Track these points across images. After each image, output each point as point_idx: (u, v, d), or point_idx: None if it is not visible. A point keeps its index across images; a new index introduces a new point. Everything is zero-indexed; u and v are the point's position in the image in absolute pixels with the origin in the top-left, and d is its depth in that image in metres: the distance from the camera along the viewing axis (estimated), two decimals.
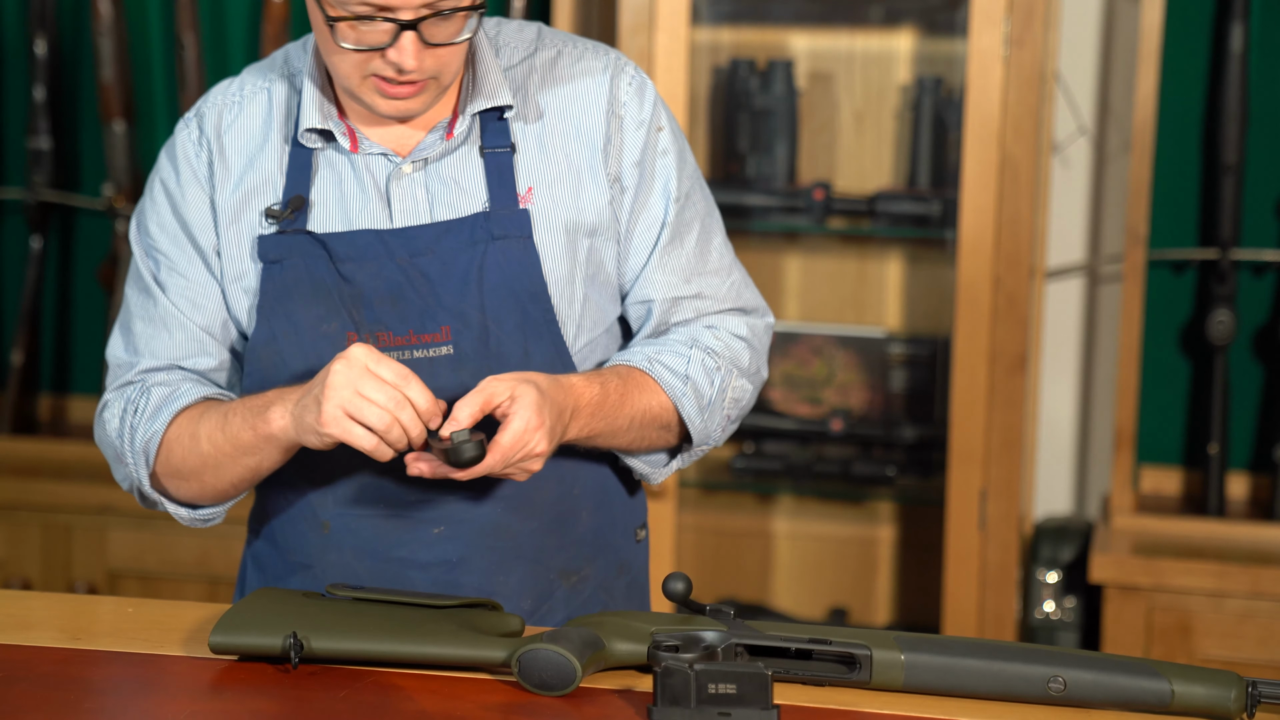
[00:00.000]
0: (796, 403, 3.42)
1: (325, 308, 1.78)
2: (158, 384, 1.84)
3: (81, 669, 1.62)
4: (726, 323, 1.89)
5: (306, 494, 1.84)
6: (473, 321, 1.78)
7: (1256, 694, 1.52)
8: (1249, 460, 3.24)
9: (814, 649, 1.57)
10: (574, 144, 1.83)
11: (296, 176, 1.82)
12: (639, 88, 1.86)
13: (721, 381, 1.85)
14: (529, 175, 1.82)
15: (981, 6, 2.98)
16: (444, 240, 1.78)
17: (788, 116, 3.30)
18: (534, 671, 1.55)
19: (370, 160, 1.81)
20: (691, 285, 1.88)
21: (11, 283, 3.67)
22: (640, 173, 1.85)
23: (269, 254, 1.81)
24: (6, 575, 3.33)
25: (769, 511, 3.51)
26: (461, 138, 1.81)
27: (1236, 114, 3.09)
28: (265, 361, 1.81)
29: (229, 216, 1.83)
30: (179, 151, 1.86)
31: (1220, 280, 3.13)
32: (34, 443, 3.49)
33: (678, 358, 1.84)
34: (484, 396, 1.67)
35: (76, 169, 3.63)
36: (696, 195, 1.90)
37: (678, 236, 1.87)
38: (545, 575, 1.85)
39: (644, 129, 1.85)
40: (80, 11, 3.56)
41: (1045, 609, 3.16)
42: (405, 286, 1.78)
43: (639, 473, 1.91)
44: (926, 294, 3.39)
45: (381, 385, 1.64)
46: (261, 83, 1.87)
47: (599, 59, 1.87)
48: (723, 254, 1.91)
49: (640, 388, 1.81)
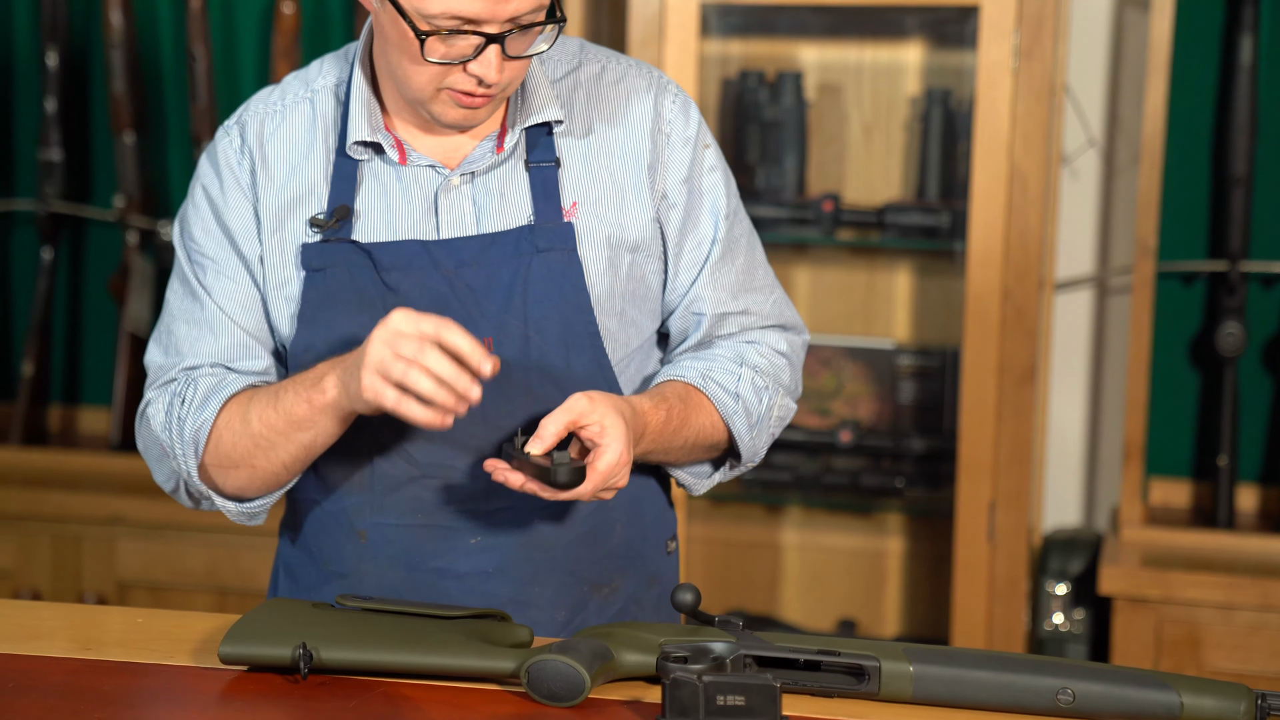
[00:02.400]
0: (805, 414, 3.42)
1: (368, 316, 1.78)
2: (204, 375, 1.83)
3: (91, 679, 1.63)
4: (768, 338, 1.92)
5: (344, 503, 1.84)
6: (515, 333, 1.79)
7: (1266, 706, 1.51)
8: (1258, 472, 3.24)
9: (822, 660, 1.57)
10: (619, 160, 1.84)
11: (341, 186, 1.82)
12: (683, 106, 1.88)
13: (769, 400, 1.88)
14: (573, 190, 1.83)
15: (991, 18, 2.99)
16: (489, 252, 1.79)
17: (797, 128, 3.31)
18: (543, 682, 1.55)
19: (419, 172, 1.82)
20: (739, 301, 1.90)
21: (22, 294, 3.68)
22: (689, 190, 1.87)
23: (312, 262, 1.81)
24: (17, 586, 3.33)
25: (777, 523, 3.51)
26: (509, 151, 1.82)
27: (1246, 125, 3.09)
28: (305, 366, 1.79)
29: (272, 224, 1.83)
30: (220, 159, 1.86)
31: (1230, 292, 3.13)
32: (44, 453, 3.49)
33: (729, 375, 1.86)
34: (571, 416, 1.68)
35: (87, 180, 3.64)
36: (742, 213, 1.93)
37: (729, 253, 1.89)
38: (578, 587, 1.86)
39: (690, 146, 1.87)
40: (91, 23, 3.57)
41: (1054, 621, 3.16)
42: (449, 297, 1.78)
43: (682, 483, 1.94)
44: (935, 305, 3.39)
45: (410, 340, 1.63)
46: (303, 92, 1.87)
47: (643, 76, 1.89)
48: (766, 271, 1.94)
49: (697, 407, 1.84)
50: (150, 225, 3.51)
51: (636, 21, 3.10)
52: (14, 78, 3.64)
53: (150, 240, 3.53)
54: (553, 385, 1.79)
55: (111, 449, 3.48)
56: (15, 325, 3.71)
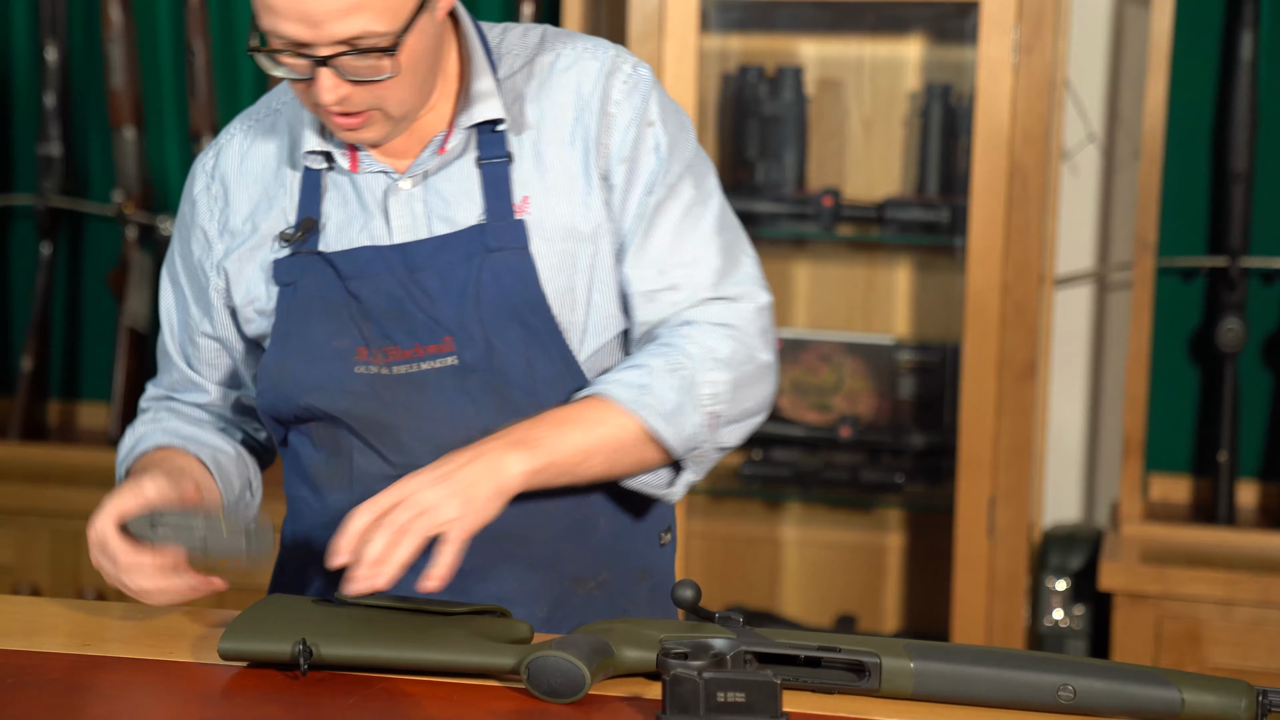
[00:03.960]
0: (805, 409, 3.41)
1: (336, 324, 1.79)
2: (145, 422, 1.94)
3: (90, 675, 1.62)
4: (706, 314, 1.82)
5: (327, 499, 1.84)
6: (475, 334, 1.78)
7: (1267, 703, 1.51)
8: (1258, 468, 3.24)
9: (823, 656, 1.57)
10: (568, 149, 1.81)
11: (307, 199, 1.82)
12: (634, 84, 1.82)
13: (683, 381, 1.77)
14: (525, 184, 1.80)
15: (991, 14, 2.98)
16: (440, 255, 1.78)
17: (797, 123, 3.30)
18: (543, 678, 1.55)
19: (371, 179, 1.81)
20: (666, 277, 1.82)
21: (21, 289, 3.68)
22: (628, 170, 1.81)
23: (283, 277, 1.81)
24: (16, 581, 3.33)
25: (777, 518, 3.51)
26: (458, 150, 1.80)
27: (1246, 121, 3.09)
28: (276, 379, 1.82)
29: (243, 244, 1.84)
30: (194, 185, 1.90)
31: (1230, 288, 3.13)
32: (43, 449, 3.49)
33: (635, 371, 1.78)
34: (348, 540, 1.66)
35: (86, 175, 3.63)
36: (684, 184, 1.83)
37: (654, 227, 1.82)
38: (560, 582, 1.84)
39: (634, 126, 1.81)
40: (91, 18, 3.57)
41: (1054, 617, 3.16)
42: (406, 301, 1.78)
43: (651, 494, 1.85)
44: (935, 301, 3.38)
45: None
46: (274, 104, 1.88)
47: (596, 58, 1.83)
48: (707, 241, 1.83)
49: (595, 410, 1.75)
50: (149, 220, 3.51)
51: (636, 17, 3.09)
52: (13, 72, 3.63)
53: (149, 235, 3.53)
54: (516, 386, 1.78)
55: (111, 444, 3.47)
56: (14, 320, 3.70)
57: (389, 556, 1.61)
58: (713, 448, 1.81)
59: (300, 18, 1.64)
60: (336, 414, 1.80)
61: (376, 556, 1.61)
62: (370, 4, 1.64)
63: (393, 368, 1.78)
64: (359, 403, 1.79)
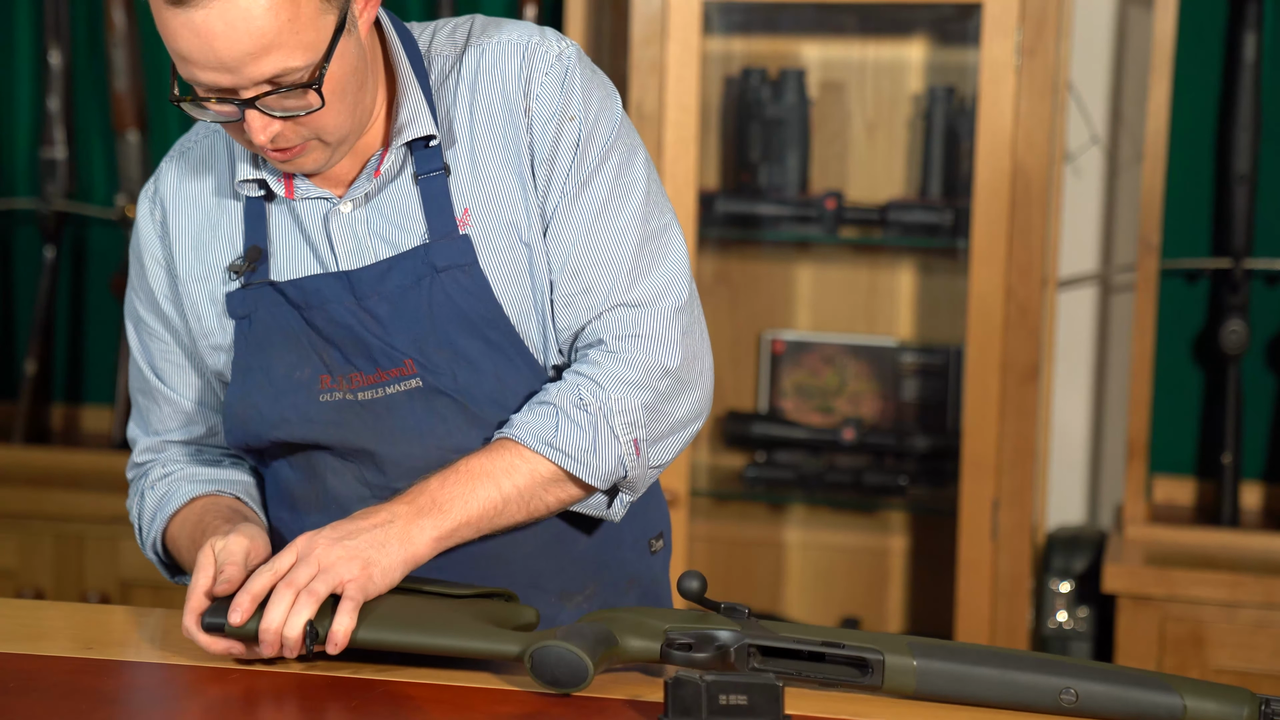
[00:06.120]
0: (808, 412, 3.41)
1: (297, 355, 1.76)
2: (158, 479, 1.87)
3: (94, 679, 1.62)
4: (615, 325, 1.74)
5: (304, 522, 1.81)
6: (435, 356, 1.74)
7: (1269, 711, 1.51)
8: (1262, 470, 3.24)
9: (827, 652, 1.56)
10: (501, 154, 1.75)
11: (252, 228, 1.78)
12: (555, 77, 1.74)
13: (591, 418, 1.71)
14: (463, 196, 1.74)
15: (993, 16, 2.98)
16: (388, 279, 1.73)
17: (799, 126, 3.30)
18: (546, 668, 1.55)
19: (310, 204, 1.77)
20: (579, 279, 1.75)
21: (25, 293, 3.68)
22: (548, 171, 1.75)
23: (237, 310, 1.78)
24: (19, 585, 3.33)
25: (781, 521, 3.50)
26: (395, 169, 1.75)
27: (1249, 123, 3.09)
28: (241, 416, 1.79)
29: (193, 279, 1.81)
30: (140, 225, 1.85)
31: (1233, 290, 3.13)
32: (47, 452, 3.49)
33: (544, 409, 1.72)
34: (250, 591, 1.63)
35: (90, 179, 3.64)
36: (600, 179, 1.75)
37: (565, 227, 1.75)
38: (544, 599, 1.82)
39: (553, 122, 1.74)
40: (94, 22, 3.57)
41: (1058, 619, 3.15)
42: (358, 328, 1.74)
43: (593, 515, 1.81)
44: (938, 303, 3.38)
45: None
46: (212, 128, 1.83)
47: (516, 54, 1.76)
48: (621, 238, 1.75)
49: (498, 460, 1.71)
50: None
51: (639, 20, 3.09)
52: (16, 76, 3.64)
53: None
54: (488, 400, 1.75)
55: (114, 447, 3.48)
56: (18, 324, 3.71)
57: (292, 621, 1.59)
58: (644, 468, 1.76)
59: (217, 65, 1.60)
60: (306, 443, 1.78)
61: (278, 626, 1.59)
62: (283, 41, 1.59)
63: (358, 394, 1.75)
64: (327, 430, 1.77)
